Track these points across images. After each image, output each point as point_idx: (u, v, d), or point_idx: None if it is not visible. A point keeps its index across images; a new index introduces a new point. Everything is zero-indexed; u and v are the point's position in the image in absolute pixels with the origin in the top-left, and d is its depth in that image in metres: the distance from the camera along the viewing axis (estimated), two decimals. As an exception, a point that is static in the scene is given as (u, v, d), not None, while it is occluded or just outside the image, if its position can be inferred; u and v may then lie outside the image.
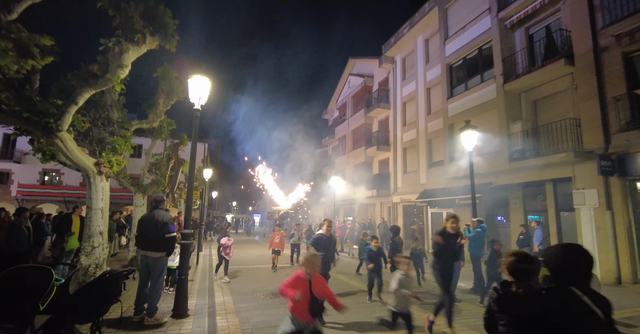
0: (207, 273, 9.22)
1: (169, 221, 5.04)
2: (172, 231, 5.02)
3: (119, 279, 3.50)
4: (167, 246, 4.99)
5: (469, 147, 8.79)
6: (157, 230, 4.90)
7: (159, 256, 4.91)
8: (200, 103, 5.72)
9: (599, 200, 9.15)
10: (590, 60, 9.47)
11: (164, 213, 5.13)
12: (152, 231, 4.92)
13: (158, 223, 4.93)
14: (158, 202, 5.22)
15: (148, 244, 4.97)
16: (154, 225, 4.94)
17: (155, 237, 4.89)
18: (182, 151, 13.22)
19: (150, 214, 5.16)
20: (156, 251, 4.90)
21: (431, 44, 17.54)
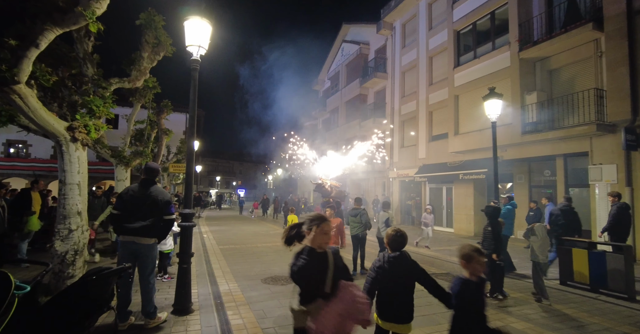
0: (202, 255, 8.38)
1: (169, 200, 4.11)
2: (172, 212, 4.12)
3: (110, 279, 2.58)
4: (163, 230, 4.07)
5: (492, 116, 8.03)
6: (157, 210, 3.95)
7: (152, 242, 3.95)
8: (200, 53, 4.59)
9: (617, 176, 8.75)
10: (622, 24, 8.70)
11: (162, 190, 4.13)
12: (148, 212, 3.92)
13: (158, 202, 3.96)
14: (153, 173, 4.15)
15: (139, 227, 3.90)
16: (151, 204, 3.94)
17: (151, 219, 3.92)
18: (166, 120, 11.90)
19: (142, 189, 4.06)
20: (148, 236, 3.92)
21: (435, 8, 16.29)
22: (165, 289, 5.33)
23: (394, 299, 2.43)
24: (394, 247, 2.48)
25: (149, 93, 8.03)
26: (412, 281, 2.44)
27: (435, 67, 16.00)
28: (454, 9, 14.18)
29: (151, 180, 4.10)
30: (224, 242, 10.66)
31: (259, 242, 10.85)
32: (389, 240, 2.50)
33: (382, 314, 2.46)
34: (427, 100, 16.24)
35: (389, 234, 2.51)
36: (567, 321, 4.38)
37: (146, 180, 4.09)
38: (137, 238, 3.88)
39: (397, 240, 2.47)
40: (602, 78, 9.27)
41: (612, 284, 5.62)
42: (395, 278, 2.40)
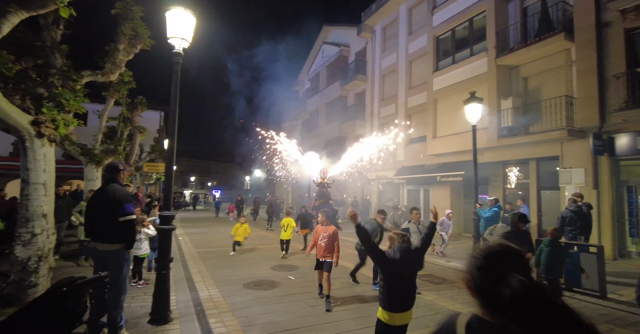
0: (178, 259, 8.00)
1: (123, 198, 3.63)
2: (128, 212, 3.62)
3: (83, 291, 2.32)
4: (122, 234, 3.60)
5: (473, 120, 8.20)
6: (108, 211, 3.57)
7: (114, 249, 3.55)
8: (183, 46, 4.34)
9: (585, 179, 9.19)
10: (591, 35, 9.15)
11: (117, 188, 3.71)
12: (103, 213, 3.58)
13: (109, 202, 3.58)
14: (111, 172, 3.82)
15: (98, 232, 3.62)
16: (103, 205, 3.61)
17: (105, 222, 3.56)
18: (140, 117, 11.36)
19: (100, 190, 3.80)
20: (109, 242, 3.55)
21: (415, 13, 16.59)
22: (140, 297, 5.00)
23: (408, 286, 2.80)
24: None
25: (124, 88, 7.58)
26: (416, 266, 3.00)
27: (415, 71, 16.27)
28: (433, 14, 14.48)
29: (111, 178, 3.79)
30: (201, 245, 10.26)
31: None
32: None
33: (396, 307, 2.71)
34: (406, 104, 16.48)
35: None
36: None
37: (107, 179, 3.82)
38: (97, 243, 3.57)
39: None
40: (573, 86, 9.72)
41: (585, 283, 5.85)
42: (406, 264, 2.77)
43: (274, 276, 6.47)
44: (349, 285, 6.01)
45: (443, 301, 5.13)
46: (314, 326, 4.09)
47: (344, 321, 4.25)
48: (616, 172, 8.92)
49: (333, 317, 4.40)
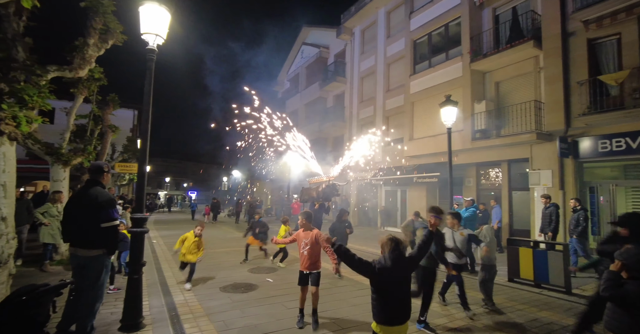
0: (152, 262, 7.73)
1: (107, 203, 3.47)
2: (112, 217, 3.48)
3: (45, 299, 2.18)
4: (104, 239, 3.45)
5: (448, 122, 8.43)
6: (89, 215, 3.40)
7: (94, 254, 3.40)
8: (157, 42, 4.20)
9: (552, 180, 9.64)
10: (557, 43, 9.63)
11: (100, 191, 3.55)
12: (84, 217, 3.42)
13: (92, 206, 3.41)
14: (95, 173, 3.66)
15: (78, 237, 3.45)
16: (84, 208, 3.44)
17: (86, 226, 3.40)
18: (112, 115, 10.92)
19: (80, 192, 3.64)
20: (89, 248, 3.39)
21: (393, 17, 16.89)
22: (111, 302, 4.79)
23: (403, 296, 2.63)
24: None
25: (94, 85, 7.26)
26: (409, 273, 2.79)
27: (393, 74, 16.54)
28: (411, 18, 14.79)
29: (94, 180, 3.63)
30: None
31: (216, 247, 10.32)
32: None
33: (390, 320, 2.56)
34: (384, 106, 16.72)
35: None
36: (523, 316, 4.65)
37: (88, 180, 3.64)
38: (77, 249, 3.42)
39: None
40: (541, 91, 10.19)
41: (552, 280, 6.13)
42: (398, 273, 2.63)
43: (252, 279, 6.37)
44: (332, 285, 6.00)
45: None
46: (293, 328, 4.05)
47: (324, 323, 4.24)
48: (580, 174, 9.41)
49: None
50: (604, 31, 8.82)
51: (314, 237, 4.23)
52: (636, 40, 8.24)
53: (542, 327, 4.27)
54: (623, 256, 2.48)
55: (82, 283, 3.39)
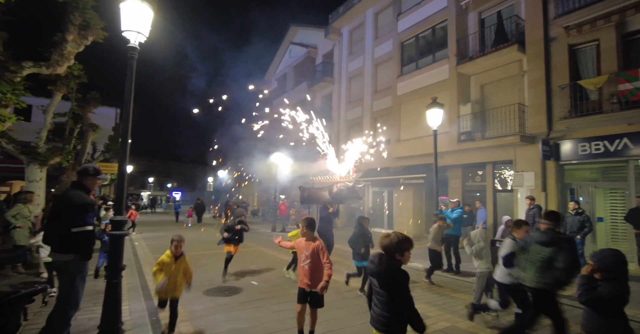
0: (133, 266, 7.53)
1: (80, 207, 3.33)
2: (84, 222, 3.33)
3: (16, 306, 2.07)
4: (76, 244, 3.31)
5: (434, 124, 8.51)
6: (62, 218, 3.32)
7: (67, 259, 3.29)
8: (139, 40, 4.07)
9: (535, 182, 9.85)
10: (540, 48, 9.85)
11: (76, 195, 3.42)
12: (61, 220, 3.33)
13: (63, 209, 3.34)
14: (79, 175, 3.59)
15: (53, 240, 3.39)
16: (59, 211, 3.38)
17: (59, 229, 3.31)
18: (93, 114, 10.61)
19: (62, 194, 3.56)
20: (61, 252, 3.31)
21: (381, 18, 16.98)
22: (89, 308, 4.62)
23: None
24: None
25: (73, 83, 7.01)
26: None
27: (380, 76, 16.63)
28: (398, 20, 14.90)
29: (77, 182, 3.54)
30: (159, 250, 9.67)
31: (200, 250, 10.13)
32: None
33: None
34: (372, 107, 16.79)
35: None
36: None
37: (73, 182, 3.59)
38: (53, 253, 3.35)
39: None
40: (525, 94, 10.41)
41: (535, 280, 6.24)
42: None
43: (237, 282, 6.27)
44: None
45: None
46: (278, 332, 3.98)
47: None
48: (561, 175, 9.64)
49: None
50: (584, 37, 9.06)
51: (316, 250, 3.57)
52: (614, 47, 8.50)
53: (525, 327, 4.32)
54: (597, 257, 2.53)
55: (60, 290, 3.31)
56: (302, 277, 3.59)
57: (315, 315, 3.65)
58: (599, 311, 2.48)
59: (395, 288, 2.49)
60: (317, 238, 3.73)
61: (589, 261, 2.60)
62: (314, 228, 3.75)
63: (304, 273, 3.57)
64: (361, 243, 5.74)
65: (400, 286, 2.48)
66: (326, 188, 7.09)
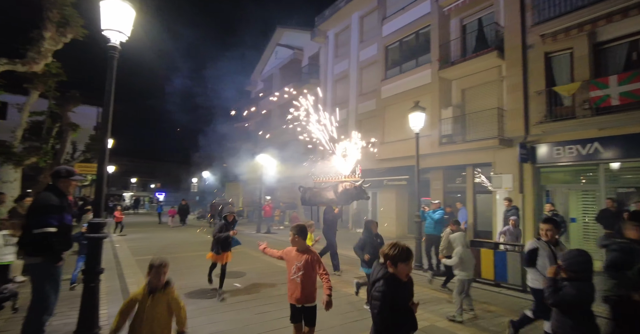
0: (114, 268, 7.38)
1: (42, 208, 3.33)
2: (45, 224, 3.28)
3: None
4: (39, 246, 3.28)
5: (416, 128, 8.69)
6: (29, 220, 3.38)
7: (34, 262, 3.31)
8: (120, 40, 4.03)
9: (513, 184, 10.17)
10: (518, 55, 10.21)
11: (43, 196, 3.45)
12: (28, 222, 3.39)
13: (29, 210, 3.44)
14: (51, 177, 3.62)
15: (22, 242, 3.45)
16: (28, 214, 3.46)
17: (27, 232, 3.36)
18: (73, 113, 10.34)
19: (34, 196, 3.54)
20: (29, 255, 3.36)
21: (366, 22, 17.19)
22: (65, 313, 4.52)
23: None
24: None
25: (51, 81, 6.83)
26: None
27: (365, 79, 16.83)
28: (383, 24, 15.13)
29: (51, 184, 3.51)
30: (141, 252, 9.57)
31: (183, 251, 10.02)
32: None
33: None
34: (357, 110, 16.97)
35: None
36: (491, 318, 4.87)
37: (48, 184, 3.56)
38: (25, 256, 3.33)
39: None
40: (503, 99, 10.74)
41: (510, 279, 6.47)
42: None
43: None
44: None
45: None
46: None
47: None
48: (537, 178, 9.99)
49: (282, 324, 4.35)
50: (559, 45, 9.44)
51: (310, 261, 3.20)
52: (586, 55, 8.89)
53: (501, 325, 4.49)
54: (564, 258, 2.65)
55: (31, 293, 3.27)
56: (293, 291, 3.19)
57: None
58: (566, 312, 2.56)
59: (374, 298, 2.30)
60: (310, 248, 3.38)
61: (559, 262, 2.71)
62: (306, 236, 3.39)
63: (295, 286, 3.18)
64: (368, 249, 5.19)
65: (377, 297, 2.27)
66: (330, 187, 6.75)
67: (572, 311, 2.53)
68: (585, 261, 2.58)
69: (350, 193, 6.33)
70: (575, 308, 2.52)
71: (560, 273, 2.63)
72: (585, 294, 2.50)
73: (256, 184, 19.55)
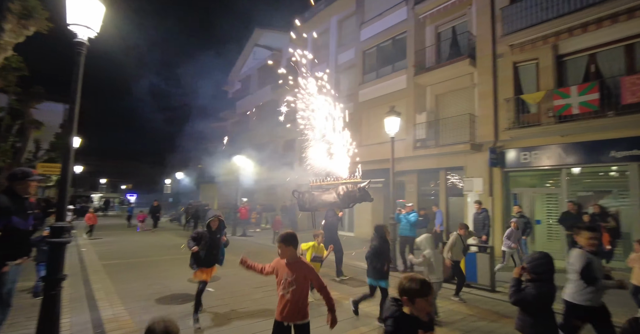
0: (79, 274, 7.02)
1: None
2: None
3: None
4: None
5: (391, 132, 8.86)
6: None
7: None
8: (88, 35, 3.85)
9: (483, 187, 10.57)
10: (489, 63, 10.64)
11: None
12: None
13: None
14: (8, 180, 3.43)
15: None
16: None
17: None
18: (36, 109, 9.80)
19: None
20: None
21: (345, 27, 17.38)
22: (22, 323, 4.25)
23: None
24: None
25: (11, 75, 6.43)
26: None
27: (343, 82, 16.98)
28: (361, 29, 15.34)
29: (7, 186, 3.32)
30: (109, 257, 9.16)
31: (155, 255, 9.68)
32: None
33: None
34: (335, 112, 17.05)
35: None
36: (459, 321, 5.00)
37: (5, 187, 3.35)
38: None
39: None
40: (475, 105, 11.15)
41: (480, 280, 6.69)
42: None
43: (191, 289, 6.04)
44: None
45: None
46: (232, 339, 3.93)
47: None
48: (506, 182, 10.42)
49: (256, 328, 4.29)
50: (526, 55, 9.92)
51: (303, 274, 2.86)
52: (550, 66, 9.40)
53: (469, 325, 4.63)
54: (527, 260, 2.80)
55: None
56: (282, 308, 2.82)
57: None
58: (526, 310, 2.72)
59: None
60: (301, 259, 3.01)
61: (524, 264, 2.85)
62: (296, 244, 2.95)
63: (284, 302, 2.81)
64: (383, 258, 4.74)
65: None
66: (331, 190, 6.40)
67: (533, 310, 2.67)
68: (545, 263, 2.73)
69: (353, 196, 6.00)
70: (534, 306, 2.66)
71: (524, 274, 2.76)
72: (544, 295, 2.64)
73: (233, 186, 19.25)
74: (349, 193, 6.00)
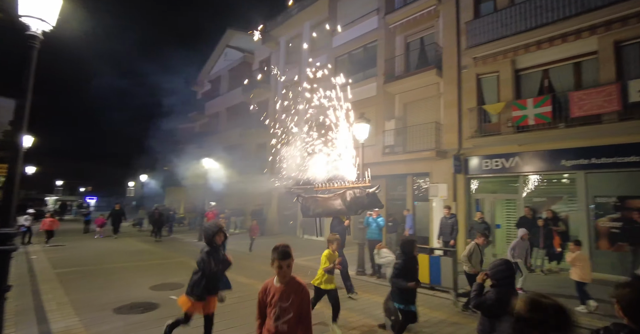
0: (27, 284, 6.50)
1: None
2: None
3: None
4: None
5: (361, 138, 9.02)
6: None
7: None
8: (42, 29, 3.63)
9: (448, 193, 10.99)
10: (454, 74, 11.15)
11: None
12: None
13: None
14: None
15: None
16: None
17: None
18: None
19: None
20: None
21: (318, 32, 17.52)
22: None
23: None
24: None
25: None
26: None
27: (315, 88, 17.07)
28: (334, 36, 15.56)
29: None
30: (63, 264, 8.57)
31: (115, 262, 9.16)
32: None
33: None
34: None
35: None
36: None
37: None
38: None
39: None
40: (441, 114, 11.61)
41: (444, 282, 6.93)
42: None
43: (153, 297, 5.81)
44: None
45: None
46: (194, 349, 3.79)
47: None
48: (468, 187, 10.91)
49: (216, 337, 4.16)
50: (488, 68, 10.49)
51: (302, 299, 2.30)
52: (510, 78, 10.00)
53: (433, 326, 4.77)
54: (490, 266, 2.94)
55: None
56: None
57: None
58: (486, 314, 2.85)
59: None
60: (296, 278, 2.41)
61: (486, 271, 2.98)
62: (289, 258, 2.38)
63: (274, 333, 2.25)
64: (410, 277, 4.18)
65: None
66: (337, 196, 5.87)
67: (490, 314, 2.80)
68: (505, 270, 2.87)
69: (362, 202, 5.41)
70: (493, 311, 2.79)
71: (486, 280, 2.90)
72: (502, 300, 2.76)
73: (201, 189, 18.71)
74: (356, 199, 5.44)
